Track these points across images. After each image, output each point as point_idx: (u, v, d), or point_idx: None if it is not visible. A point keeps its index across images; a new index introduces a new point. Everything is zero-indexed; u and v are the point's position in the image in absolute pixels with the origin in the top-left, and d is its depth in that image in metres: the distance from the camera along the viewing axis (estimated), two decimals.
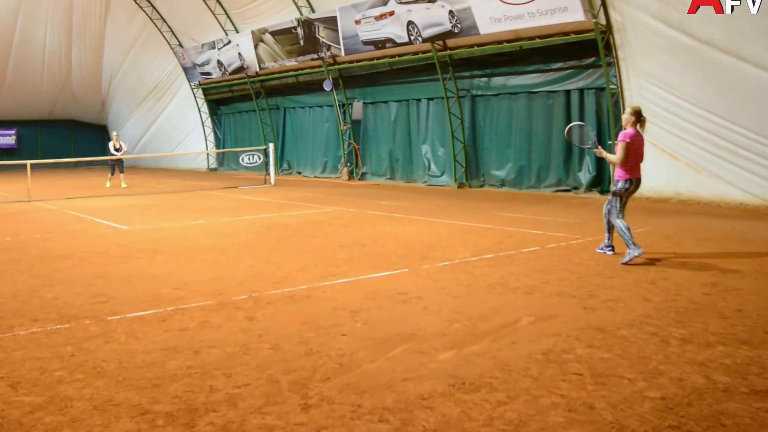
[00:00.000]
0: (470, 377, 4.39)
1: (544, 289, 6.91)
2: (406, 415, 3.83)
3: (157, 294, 6.90)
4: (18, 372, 4.62)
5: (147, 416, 3.87)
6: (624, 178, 8.37)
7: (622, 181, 8.39)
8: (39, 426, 3.77)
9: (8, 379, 4.49)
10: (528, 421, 3.72)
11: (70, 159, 27.86)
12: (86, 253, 9.40)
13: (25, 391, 4.29)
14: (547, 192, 17.53)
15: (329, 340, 5.25)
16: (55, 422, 3.81)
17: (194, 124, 32.02)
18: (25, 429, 3.74)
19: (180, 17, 29.42)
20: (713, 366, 4.56)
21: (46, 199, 17.68)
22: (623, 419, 3.72)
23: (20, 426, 3.77)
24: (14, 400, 4.15)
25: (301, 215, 13.58)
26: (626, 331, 5.35)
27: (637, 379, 4.32)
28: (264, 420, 3.80)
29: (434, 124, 20.87)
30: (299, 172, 26.75)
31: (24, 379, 4.48)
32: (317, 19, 22.25)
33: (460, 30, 17.82)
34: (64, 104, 36.45)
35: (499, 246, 9.54)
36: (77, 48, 33.41)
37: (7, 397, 4.18)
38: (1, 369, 4.68)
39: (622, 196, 8.44)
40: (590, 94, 16.75)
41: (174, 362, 4.78)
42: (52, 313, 6.17)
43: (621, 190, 8.41)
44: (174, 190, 20.65)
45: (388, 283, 7.27)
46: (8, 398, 4.17)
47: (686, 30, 13.77)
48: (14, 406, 4.05)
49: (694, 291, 6.75)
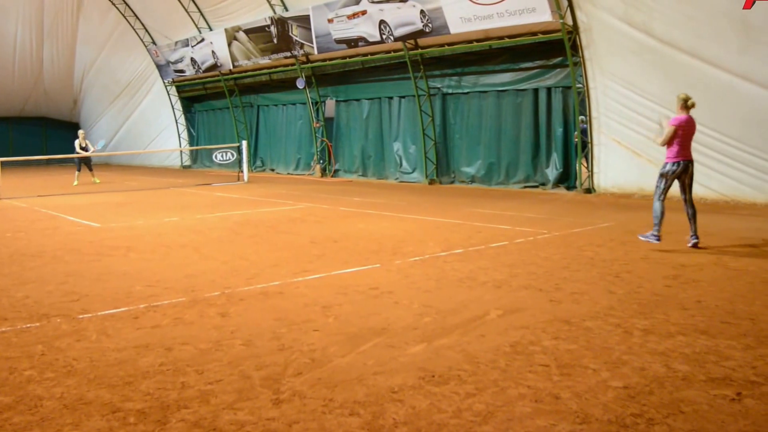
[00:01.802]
0: (440, 370, 4.47)
1: (512, 282, 7.03)
2: (377, 408, 3.89)
3: (130, 291, 6.89)
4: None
5: (118, 414, 3.86)
6: (671, 161, 8.74)
7: (670, 163, 8.77)
8: (8, 426, 3.73)
9: None
10: (495, 412, 3.80)
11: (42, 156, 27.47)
12: (58, 251, 9.34)
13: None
14: (516, 188, 17.73)
15: (301, 335, 5.30)
16: (24, 422, 3.78)
17: (168, 122, 31.78)
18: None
19: (153, 15, 29.16)
20: (673, 355, 4.70)
21: (16, 197, 17.47)
22: (588, 408, 3.82)
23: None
24: None
25: (274, 212, 13.60)
26: (591, 323, 5.48)
27: (601, 370, 4.43)
28: (236, 416, 3.82)
29: (406, 122, 20.97)
30: (272, 169, 26.70)
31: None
32: (290, 17, 22.23)
33: (431, 29, 17.94)
34: (36, 101, 35.95)
35: (469, 241, 9.66)
36: (49, 45, 32.97)
37: None
38: None
39: (667, 177, 8.77)
40: (557, 93, 16.98)
41: (146, 359, 4.78)
42: (22, 312, 6.12)
43: (668, 171, 8.77)
44: (147, 188, 20.51)
45: (360, 279, 7.34)
46: None
47: (650, 31, 14.13)
48: None
49: (656, 283, 6.93)
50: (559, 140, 16.99)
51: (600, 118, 15.55)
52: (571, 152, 16.90)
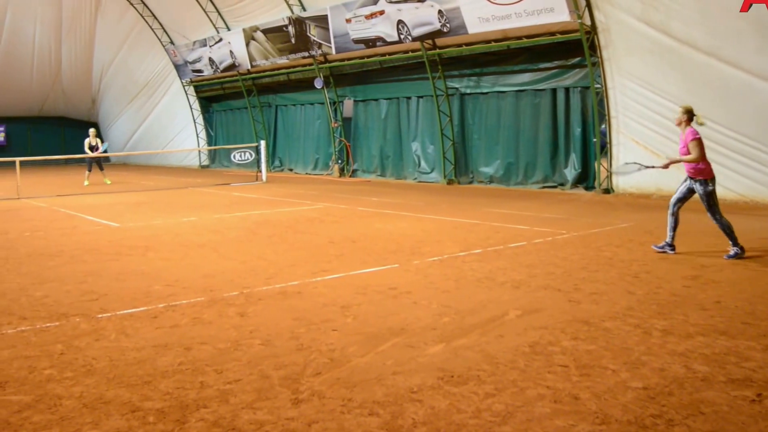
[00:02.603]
0: (459, 370, 4.46)
1: (531, 283, 7.00)
2: (396, 408, 3.88)
3: (148, 291, 6.93)
4: (6, 371, 4.60)
5: (138, 413, 3.88)
6: (710, 177, 8.18)
7: (711, 179, 8.19)
8: (27, 425, 3.75)
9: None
10: (515, 413, 3.79)
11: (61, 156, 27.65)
12: (76, 251, 9.40)
13: (13, 390, 4.27)
14: (534, 188, 17.67)
15: (320, 335, 5.31)
16: (44, 421, 3.80)
17: (186, 122, 31.95)
18: (13, 428, 3.71)
19: (171, 14, 29.34)
20: (693, 356, 4.67)
21: (35, 197, 17.63)
22: (607, 409, 3.80)
23: (8, 425, 3.75)
24: (2, 399, 4.12)
25: (292, 212, 13.63)
26: (610, 324, 5.45)
27: (620, 370, 4.41)
28: (255, 415, 3.83)
29: (424, 122, 20.96)
30: (290, 169, 26.76)
31: (12, 378, 4.46)
32: (308, 17, 22.27)
33: (449, 29, 17.92)
34: (55, 101, 36.26)
35: (487, 241, 9.63)
36: (67, 45, 33.24)
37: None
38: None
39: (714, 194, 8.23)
40: (576, 93, 16.91)
41: (165, 359, 4.80)
42: (41, 312, 6.16)
43: (713, 189, 8.22)
44: (165, 187, 20.62)
45: (379, 279, 7.34)
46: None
47: (668, 31, 14.05)
48: (2, 405, 4.03)
49: (675, 284, 6.88)
50: (578, 140, 16.91)
51: (618, 118, 15.46)
52: (589, 152, 16.81)
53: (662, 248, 8.59)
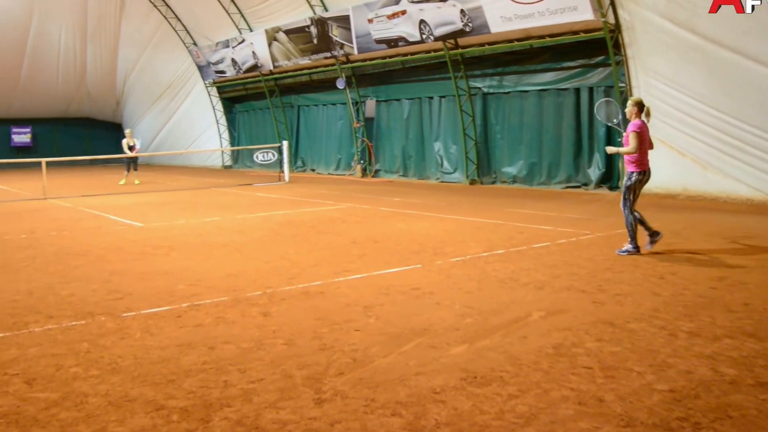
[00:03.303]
0: (482, 371, 4.44)
1: (555, 284, 6.96)
2: (419, 408, 3.88)
3: (172, 290, 6.98)
4: (33, 368, 4.67)
5: (162, 411, 3.91)
6: (637, 170, 8.41)
7: (636, 173, 8.42)
8: (54, 422, 3.80)
9: (24, 376, 4.53)
10: (539, 414, 3.77)
11: (86, 157, 28.00)
12: (101, 250, 9.50)
13: (40, 387, 4.33)
14: (558, 188, 17.56)
15: (343, 335, 5.32)
16: (70, 418, 3.85)
17: (209, 122, 32.15)
18: (40, 425, 3.76)
19: (194, 16, 29.55)
20: (720, 359, 4.60)
21: (61, 197, 17.82)
22: (632, 412, 3.76)
23: (36, 422, 3.80)
24: (30, 396, 4.19)
25: (315, 212, 13.66)
26: (635, 325, 5.40)
27: (645, 372, 4.36)
28: (278, 415, 3.85)
29: (446, 122, 20.92)
30: (313, 169, 26.83)
31: (39, 376, 4.53)
32: (330, 17, 22.32)
33: (471, 29, 17.85)
34: (80, 102, 36.66)
35: (510, 242, 9.59)
36: (92, 47, 33.59)
37: (22, 394, 4.23)
38: (16, 365, 4.74)
39: (635, 188, 8.47)
40: (600, 92, 16.74)
41: (189, 358, 4.84)
42: (67, 310, 6.24)
43: (635, 182, 8.45)
44: (189, 188, 20.77)
45: (401, 279, 7.33)
46: (24, 394, 4.22)
47: (693, 28, 13.85)
48: (30, 402, 4.09)
49: (701, 285, 6.80)
50: (602, 140, 16.75)
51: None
52: None
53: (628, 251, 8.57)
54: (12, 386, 4.35)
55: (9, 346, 5.16)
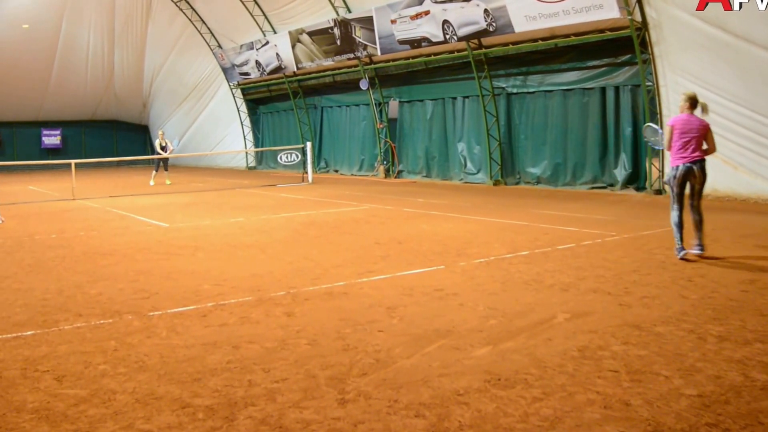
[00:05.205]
0: (506, 373, 4.41)
1: (580, 285, 6.89)
2: (442, 410, 3.86)
3: (198, 290, 7.03)
4: (63, 365, 4.73)
5: (188, 410, 3.94)
6: (672, 165, 8.14)
7: (672, 168, 8.14)
8: (83, 418, 3.85)
9: (54, 373, 4.60)
10: (563, 418, 3.73)
11: (113, 158, 28.33)
12: (128, 250, 9.59)
13: (69, 384, 4.40)
14: (583, 189, 17.41)
15: (366, 335, 5.31)
16: (98, 415, 3.89)
17: (233, 124, 32.36)
18: (70, 421, 3.82)
19: (219, 19, 29.75)
20: (751, 364, 4.52)
21: (89, 198, 18.03)
22: (659, 416, 3.71)
23: (65, 418, 3.86)
24: (59, 392, 4.25)
25: (338, 213, 13.68)
26: (662, 328, 5.32)
27: (673, 377, 4.30)
28: (302, 414, 3.85)
29: (470, 122, 20.84)
30: (336, 170, 26.89)
31: (69, 373, 4.59)
32: (353, 19, 22.36)
33: (495, 28, 17.77)
34: (107, 105, 37.13)
35: (535, 243, 9.53)
36: (119, 50, 33.99)
37: (52, 390, 4.29)
38: (46, 362, 4.80)
39: (672, 185, 8.15)
40: (626, 91, 16.60)
41: (214, 357, 4.86)
42: (95, 309, 6.31)
43: (670, 178, 8.16)
44: (213, 188, 20.90)
45: (425, 280, 7.31)
46: (54, 391, 4.28)
47: (723, 26, 13.57)
48: (59, 398, 4.15)
49: (731, 288, 6.68)
50: (628, 140, 16.60)
51: (670, 117, 15.12)
52: (640, 152, 16.46)
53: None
54: (43, 382, 4.41)
55: (40, 344, 5.23)
